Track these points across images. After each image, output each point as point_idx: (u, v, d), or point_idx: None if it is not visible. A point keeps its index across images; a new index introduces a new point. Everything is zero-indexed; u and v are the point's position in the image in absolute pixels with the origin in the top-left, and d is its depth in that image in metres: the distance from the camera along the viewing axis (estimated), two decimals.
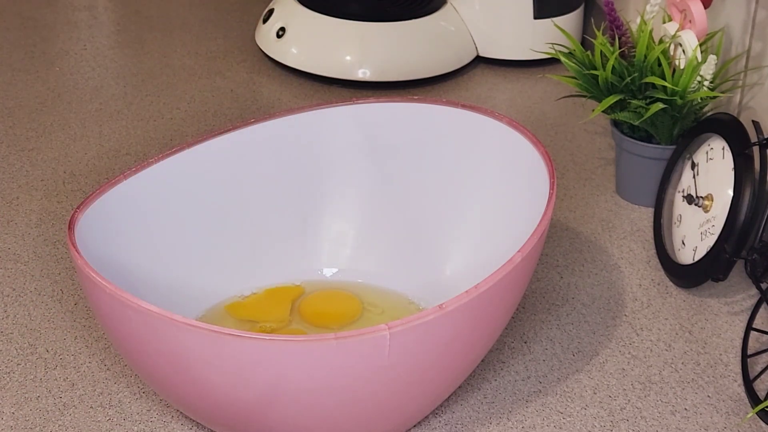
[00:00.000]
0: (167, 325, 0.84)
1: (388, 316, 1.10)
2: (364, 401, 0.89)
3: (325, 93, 1.61)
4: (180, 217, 1.08)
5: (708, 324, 1.13)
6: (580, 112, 1.54)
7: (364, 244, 1.17)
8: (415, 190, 1.15)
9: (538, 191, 1.02)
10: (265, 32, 1.68)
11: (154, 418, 1.01)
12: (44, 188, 1.36)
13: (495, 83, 1.65)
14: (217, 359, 0.84)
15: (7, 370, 1.06)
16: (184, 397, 0.92)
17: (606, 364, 1.08)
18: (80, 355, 1.08)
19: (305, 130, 1.14)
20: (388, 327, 0.83)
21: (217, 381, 0.86)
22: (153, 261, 1.05)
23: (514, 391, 1.04)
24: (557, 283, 1.19)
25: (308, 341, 0.83)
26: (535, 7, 1.65)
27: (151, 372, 0.91)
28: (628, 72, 1.24)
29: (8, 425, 0.99)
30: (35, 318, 1.13)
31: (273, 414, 0.89)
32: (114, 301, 0.87)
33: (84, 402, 1.02)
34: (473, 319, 0.90)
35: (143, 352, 0.89)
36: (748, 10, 1.26)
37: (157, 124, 1.51)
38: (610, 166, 1.41)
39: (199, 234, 1.10)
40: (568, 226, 1.29)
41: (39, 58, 1.70)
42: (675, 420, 1.01)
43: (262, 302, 1.12)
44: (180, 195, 1.08)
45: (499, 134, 1.10)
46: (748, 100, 1.28)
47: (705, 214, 1.17)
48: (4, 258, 1.22)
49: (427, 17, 1.65)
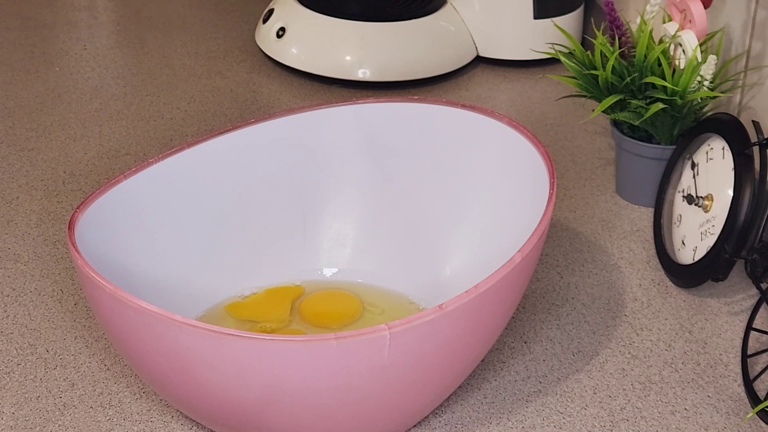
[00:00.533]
0: (167, 325, 0.84)
1: (388, 316, 1.10)
2: (364, 401, 0.89)
3: (325, 93, 1.61)
4: (180, 217, 1.08)
5: (708, 324, 1.13)
6: (580, 112, 1.54)
7: (364, 244, 1.17)
8: (415, 190, 1.15)
9: (538, 191, 1.02)
10: (265, 32, 1.68)
11: (154, 418, 1.01)
12: (44, 188, 1.36)
13: (495, 83, 1.65)
14: (217, 359, 0.84)
15: (7, 370, 1.06)
16: (184, 397, 0.92)
17: (606, 364, 1.08)
18: (80, 355, 1.08)
19: (305, 130, 1.14)
20: (388, 327, 0.83)
21: (217, 381, 0.86)
22: (153, 261, 1.05)
23: (514, 391, 1.04)
24: (557, 283, 1.19)
25: (308, 341, 0.83)
26: (535, 7, 1.65)
27: (151, 372, 0.91)
28: (628, 72, 1.24)
29: (8, 425, 0.99)
30: (35, 318, 1.13)
31: (273, 414, 0.89)
32: (114, 301, 0.87)
33: (84, 402, 1.02)
34: (473, 319, 0.90)
35: (143, 352, 0.89)
36: (748, 10, 1.26)
37: (157, 124, 1.51)
38: (610, 166, 1.41)
39: (199, 234, 1.10)
40: (568, 226, 1.29)
41: (39, 58, 1.70)
42: (675, 420, 1.01)
43: (262, 302, 1.12)
44: (180, 195, 1.08)
45: (499, 134, 1.10)
46: (748, 100, 1.28)
47: (705, 214, 1.17)
48: (4, 258, 1.22)
49: (427, 17, 1.65)
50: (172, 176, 1.07)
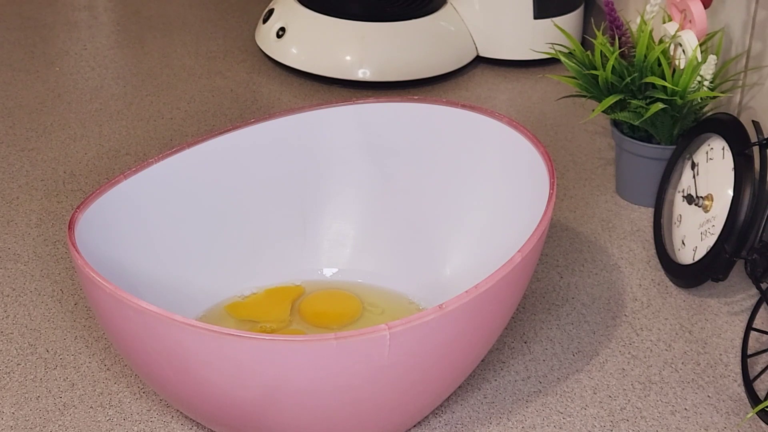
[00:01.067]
0: (167, 325, 0.84)
1: (388, 316, 1.10)
2: (364, 401, 0.89)
3: (325, 93, 1.61)
4: (180, 217, 1.08)
5: (708, 324, 1.13)
6: (580, 112, 1.54)
7: (364, 244, 1.17)
8: (415, 190, 1.15)
9: (538, 191, 1.02)
10: (265, 32, 1.68)
11: (154, 418, 1.01)
12: (44, 188, 1.36)
13: (495, 83, 1.65)
14: (217, 359, 0.84)
15: (7, 370, 1.06)
16: (184, 397, 0.92)
17: (606, 364, 1.08)
18: (80, 355, 1.08)
19: (305, 130, 1.14)
20: (388, 327, 0.83)
21: (217, 381, 0.86)
22: (153, 261, 1.05)
23: (514, 391, 1.04)
24: (557, 283, 1.19)
25: (308, 341, 0.83)
26: (535, 7, 1.65)
27: (151, 372, 0.91)
28: (628, 72, 1.24)
29: (8, 425, 0.99)
30: (35, 318, 1.13)
31: (273, 414, 0.89)
32: (114, 301, 0.87)
33: (84, 402, 1.02)
34: (473, 319, 0.90)
35: (143, 352, 0.89)
36: (748, 10, 1.26)
37: (157, 124, 1.51)
38: (610, 166, 1.41)
39: (199, 234, 1.10)
40: (568, 226, 1.29)
41: (39, 58, 1.70)
42: (675, 420, 1.01)
43: (262, 302, 1.12)
44: (180, 195, 1.08)
45: (499, 134, 1.10)
46: (748, 100, 1.28)
47: (705, 214, 1.17)
48: (4, 258, 1.22)
49: (427, 17, 1.65)
50: (172, 176, 1.07)
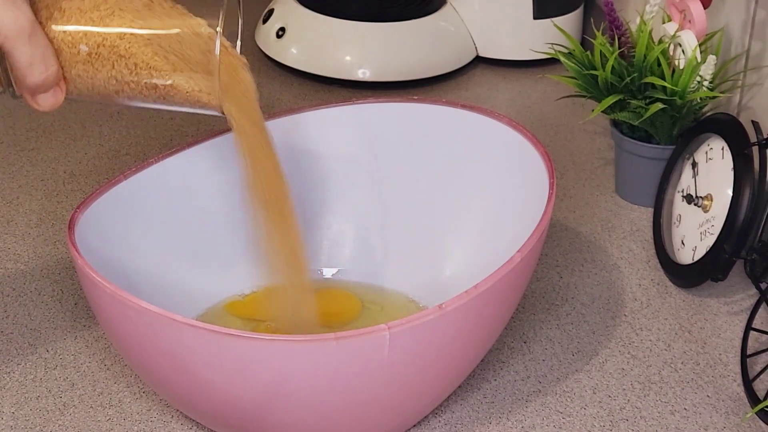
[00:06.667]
0: (167, 325, 0.84)
1: (387, 313, 1.10)
2: (364, 401, 0.89)
3: (325, 93, 1.61)
4: (180, 217, 1.08)
5: (708, 324, 1.13)
6: (579, 112, 1.54)
7: (364, 244, 1.17)
8: (415, 190, 1.15)
9: (537, 191, 1.02)
10: (265, 32, 1.68)
11: (154, 418, 1.01)
12: (44, 188, 1.36)
13: (495, 83, 1.65)
14: (217, 359, 0.84)
15: (7, 370, 1.06)
16: (184, 397, 0.92)
17: (605, 364, 1.08)
18: (80, 355, 1.08)
19: (305, 130, 1.14)
20: (388, 327, 0.83)
21: (217, 381, 0.86)
22: (153, 261, 1.05)
23: (514, 391, 1.04)
24: (557, 283, 1.19)
25: (308, 341, 0.83)
26: (535, 7, 1.65)
27: (151, 372, 0.91)
28: (628, 72, 1.24)
29: (8, 425, 0.99)
30: (35, 318, 1.13)
31: (273, 414, 0.89)
32: (114, 301, 0.87)
33: (84, 402, 1.02)
34: (473, 319, 0.90)
35: (143, 352, 0.89)
36: (748, 10, 1.26)
37: (157, 124, 1.51)
38: (609, 166, 1.41)
39: (199, 234, 1.10)
40: (568, 226, 1.30)
41: None
42: (674, 420, 1.01)
43: (262, 302, 1.12)
44: (180, 195, 1.08)
45: (498, 134, 1.10)
46: (748, 100, 1.28)
47: (704, 214, 1.17)
48: (4, 258, 1.22)
49: (427, 17, 1.65)
50: (172, 176, 1.07)
